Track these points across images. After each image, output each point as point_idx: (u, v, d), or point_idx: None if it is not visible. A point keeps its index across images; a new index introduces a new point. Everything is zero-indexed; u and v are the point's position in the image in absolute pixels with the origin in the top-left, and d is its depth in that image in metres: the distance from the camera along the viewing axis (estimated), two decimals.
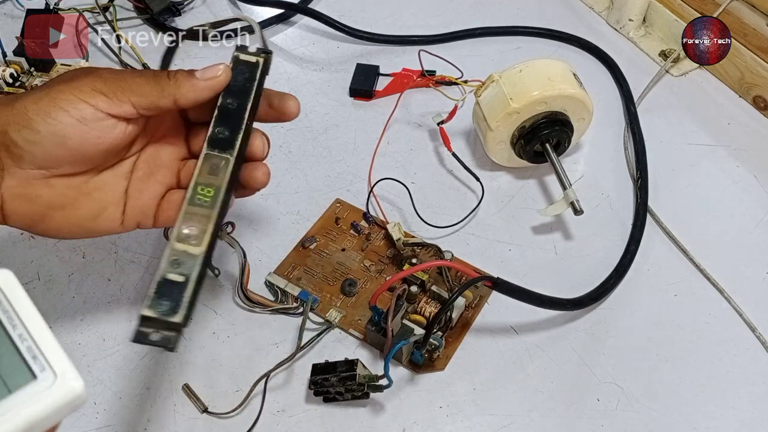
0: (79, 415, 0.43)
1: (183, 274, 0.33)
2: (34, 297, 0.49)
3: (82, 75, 0.35)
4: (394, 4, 0.71)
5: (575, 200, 0.50)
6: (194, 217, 0.35)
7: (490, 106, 0.52)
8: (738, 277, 0.50)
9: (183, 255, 0.34)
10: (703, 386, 0.45)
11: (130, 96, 0.35)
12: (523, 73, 0.51)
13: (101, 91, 0.35)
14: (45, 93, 0.34)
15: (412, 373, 0.45)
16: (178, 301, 0.33)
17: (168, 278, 0.33)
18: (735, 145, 0.58)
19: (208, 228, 0.35)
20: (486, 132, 0.53)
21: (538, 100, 0.51)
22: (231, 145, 0.37)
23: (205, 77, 0.37)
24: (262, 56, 0.40)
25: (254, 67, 0.39)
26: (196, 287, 0.33)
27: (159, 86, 0.36)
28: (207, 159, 0.37)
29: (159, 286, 0.33)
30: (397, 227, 0.50)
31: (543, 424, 0.43)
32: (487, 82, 0.53)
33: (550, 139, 0.52)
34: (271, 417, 0.43)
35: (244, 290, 0.48)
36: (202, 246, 0.35)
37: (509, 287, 0.44)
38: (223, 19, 0.44)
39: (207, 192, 0.36)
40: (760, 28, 0.60)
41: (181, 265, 0.34)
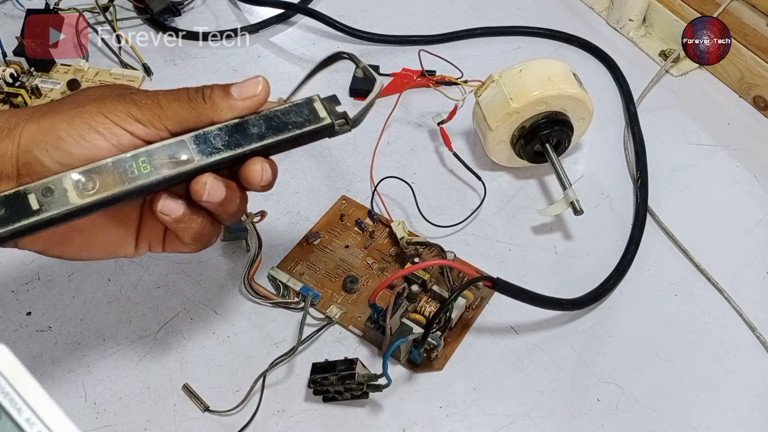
0: (80, 415, 0.43)
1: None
2: (34, 297, 0.49)
3: (115, 98, 0.33)
4: (394, 4, 0.71)
5: (575, 200, 0.50)
6: (104, 175, 0.32)
7: (490, 106, 0.52)
8: (738, 277, 0.50)
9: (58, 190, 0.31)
10: (703, 386, 0.45)
11: (166, 123, 0.33)
12: (522, 73, 0.51)
13: (137, 119, 0.33)
14: (77, 113, 0.32)
15: (411, 373, 0.45)
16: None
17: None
18: (735, 145, 0.58)
19: (101, 193, 0.31)
20: (486, 132, 0.53)
21: (538, 100, 0.51)
22: (210, 155, 0.33)
23: (243, 96, 0.35)
24: (338, 122, 0.36)
25: (316, 121, 0.36)
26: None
27: (196, 111, 0.34)
28: (177, 144, 0.33)
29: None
30: (402, 225, 0.50)
31: (543, 424, 0.43)
32: (487, 82, 0.53)
33: (550, 139, 0.52)
34: (271, 416, 0.43)
35: (250, 281, 0.48)
36: (79, 200, 0.31)
37: (509, 287, 0.44)
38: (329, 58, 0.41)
39: (143, 166, 0.32)
40: (760, 28, 0.60)
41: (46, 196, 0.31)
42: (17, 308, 0.48)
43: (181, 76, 0.64)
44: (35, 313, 0.48)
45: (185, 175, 0.33)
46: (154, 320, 0.47)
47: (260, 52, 0.67)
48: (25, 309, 0.48)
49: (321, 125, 0.35)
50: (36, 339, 0.46)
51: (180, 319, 0.48)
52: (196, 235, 0.36)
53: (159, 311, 0.48)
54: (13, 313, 0.48)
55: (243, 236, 0.50)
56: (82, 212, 0.31)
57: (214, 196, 0.34)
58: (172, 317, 0.48)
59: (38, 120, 0.32)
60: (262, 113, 0.35)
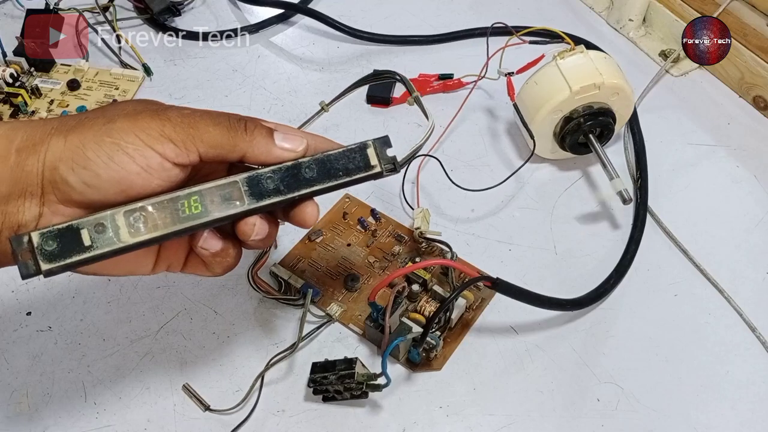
0: (79, 415, 0.43)
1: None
2: (34, 297, 0.49)
3: (148, 115, 0.32)
4: (394, 4, 0.71)
5: (624, 189, 0.50)
6: (156, 213, 0.32)
7: (574, 72, 0.52)
8: (738, 277, 0.50)
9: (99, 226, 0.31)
10: (703, 386, 0.45)
11: (199, 146, 0.32)
12: (607, 59, 0.53)
13: (170, 138, 0.31)
14: (106, 130, 0.31)
15: (410, 373, 0.45)
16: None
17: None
18: (735, 145, 0.58)
19: (152, 232, 0.31)
20: (556, 95, 0.52)
21: (619, 88, 0.52)
22: (261, 199, 0.33)
23: (284, 147, 0.34)
24: (385, 167, 0.35)
25: (367, 169, 0.35)
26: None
27: (233, 141, 0.33)
28: (230, 185, 0.33)
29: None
30: (423, 214, 0.50)
31: (543, 424, 0.43)
32: (576, 50, 0.53)
33: (595, 129, 0.53)
34: (271, 416, 0.43)
35: (253, 275, 0.48)
36: (127, 240, 0.31)
37: (509, 287, 0.44)
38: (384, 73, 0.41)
39: (194, 206, 0.32)
40: (760, 28, 0.60)
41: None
42: (17, 308, 0.48)
43: (181, 76, 0.64)
44: (35, 313, 0.48)
45: (234, 217, 0.33)
46: (154, 320, 0.47)
47: (260, 52, 0.67)
48: (25, 309, 0.48)
49: (371, 173, 0.35)
50: (36, 339, 0.46)
51: (180, 319, 0.48)
52: (228, 266, 0.36)
53: (159, 311, 0.48)
54: (13, 313, 0.48)
55: None
56: (132, 249, 0.31)
57: (260, 235, 0.34)
58: (172, 317, 0.48)
59: (66, 136, 0.31)
60: (316, 156, 0.35)
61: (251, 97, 0.62)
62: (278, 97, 0.62)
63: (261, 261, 0.49)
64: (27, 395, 0.44)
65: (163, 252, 0.36)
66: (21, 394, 0.44)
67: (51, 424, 0.43)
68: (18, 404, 0.44)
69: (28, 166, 0.30)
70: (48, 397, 0.44)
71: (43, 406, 0.44)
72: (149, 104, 0.33)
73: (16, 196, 0.30)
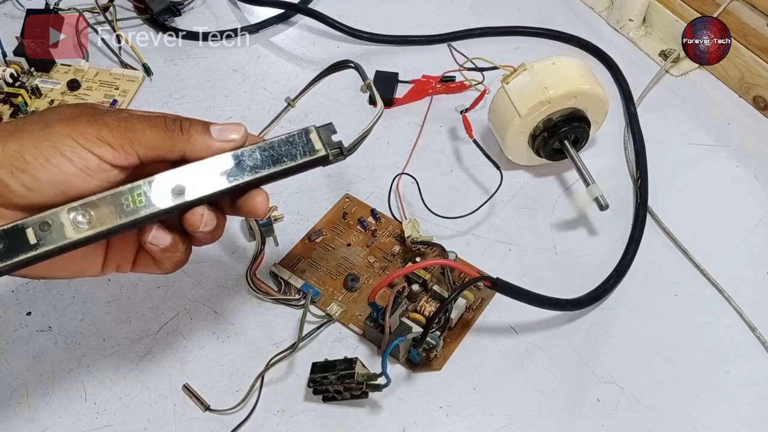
0: (79, 415, 0.43)
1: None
2: (34, 297, 0.49)
3: (85, 119, 0.32)
4: (394, 4, 0.71)
5: (600, 195, 0.50)
6: (100, 209, 0.32)
7: (521, 93, 0.52)
8: (738, 277, 0.50)
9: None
10: (703, 386, 0.45)
11: (137, 148, 0.33)
12: (556, 66, 0.52)
13: (107, 142, 0.32)
14: (44, 135, 0.31)
15: (410, 373, 0.45)
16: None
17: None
18: (735, 145, 0.58)
19: (97, 227, 0.32)
20: (510, 121, 0.52)
21: (571, 94, 0.51)
22: (206, 188, 0.34)
23: (221, 138, 0.34)
24: (332, 152, 0.36)
25: (311, 153, 0.35)
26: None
27: (170, 141, 0.33)
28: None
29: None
30: (412, 224, 0.50)
31: (543, 424, 0.43)
32: (519, 70, 0.53)
33: (570, 135, 0.53)
34: (271, 416, 0.43)
35: (252, 276, 0.48)
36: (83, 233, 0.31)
37: (509, 287, 0.44)
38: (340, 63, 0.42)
39: (138, 200, 0.32)
40: (760, 28, 0.60)
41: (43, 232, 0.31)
42: (17, 308, 0.48)
43: (181, 76, 0.64)
44: (35, 313, 0.48)
45: (180, 208, 0.33)
46: (154, 320, 0.47)
47: (260, 52, 0.67)
48: (25, 309, 0.48)
49: (315, 157, 0.36)
50: (36, 339, 0.46)
51: (180, 319, 0.48)
52: (178, 262, 0.36)
53: (159, 311, 0.48)
54: (13, 313, 0.48)
55: (269, 231, 0.50)
56: (78, 245, 0.32)
57: (209, 226, 0.34)
58: (172, 317, 0.48)
59: (4, 141, 0.31)
60: (258, 144, 0.35)
61: (251, 97, 0.62)
62: (278, 97, 0.62)
63: (258, 260, 0.49)
64: (27, 395, 0.44)
65: (110, 252, 0.36)
66: (21, 394, 0.44)
67: (51, 424, 0.43)
68: (18, 404, 0.44)
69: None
70: (48, 397, 0.44)
71: (43, 406, 0.44)
72: (87, 108, 0.34)
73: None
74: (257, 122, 0.59)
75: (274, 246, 0.51)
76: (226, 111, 0.61)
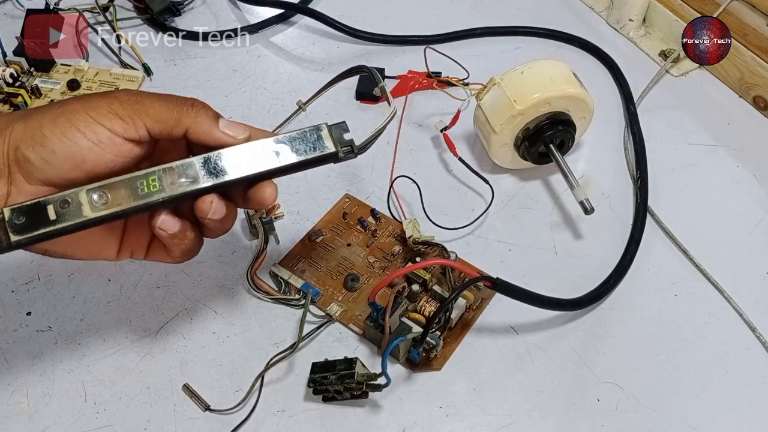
0: (79, 415, 0.43)
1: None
2: (34, 297, 0.49)
3: (99, 96, 0.35)
4: (394, 4, 0.71)
5: (584, 199, 0.50)
6: (116, 191, 0.34)
7: (493, 109, 0.52)
8: (738, 277, 0.50)
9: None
10: (703, 386, 0.45)
11: (145, 120, 0.35)
12: (524, 75, 0.51)
13: (118, 114, 0.34)
14: (60, 112, 0.34)
15: (410, 373, 0.45)
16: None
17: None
18: (735, 145, 0.58)
19: (112, 207, 0.34)
20: (489, 135, 0.53)
21: (542, 101, 0.51)
22: (217, 177, 0.35)
23: (226, 131, 0.36)
24: (343, 149, 0.38)
25: (322, 149, 0.37)
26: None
27: (177, 115, 0.35)
28: (186, 165, 0.35)
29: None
30: (413, 224, 0.50)
31: (543, 424, 0.43)
32: (489, 85, 0.53)
33: (554, 139, 0.52)
34: (271, 416, 0.43)
35: (252, 275, 0.48)
36: (95, 212, 0.34)
37: (509, 287, 0.44)
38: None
39: (153, 184, 0.35)
40: (760, 28, 0.60)
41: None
42: (17, 308, 0.48)
43: (181, 76, 0.64)
44: (35, 313, 0.48)
45: (191, 195, 0.35)
46: (154, 320, 0.47)
47: (260, 52, 0.67)
48: (25, 309, 0.48)
49: (326, 153, 0.37)
50: (36, 339, 0.46)
51: (180, 319, 0.48)
52: (186, 250, 0.38)
53: (159, 311, 0.48)
54: (13, 313, 0.48)
55: (270, 228, 0.50)
56: (94, 224, 0.34)
57: (218, 214, 0.36)
58: (172, 317, 0.48)
59: (26, 120, 0.34)
60: (271, 139, 0.37)
61: (251, 97, 0.62)
62: (278, 97, 0.62)
63: (259, 260, 0.49)
64: (27, 395, 0.44)
65: (126, 238, 0.39)
66: (21, 394, 0.44)
67: (51, 424, 0.43)
68: (18, 404, 0.44)
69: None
70: (48, 397, 0.44)
71: (43, 406, 0.44)
72: (103, 92, 0.36)
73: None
74: (257, 122, 0.57)
75: (275, 244, 0.51)
76: (226, 111, 0.61)
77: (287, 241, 0.51)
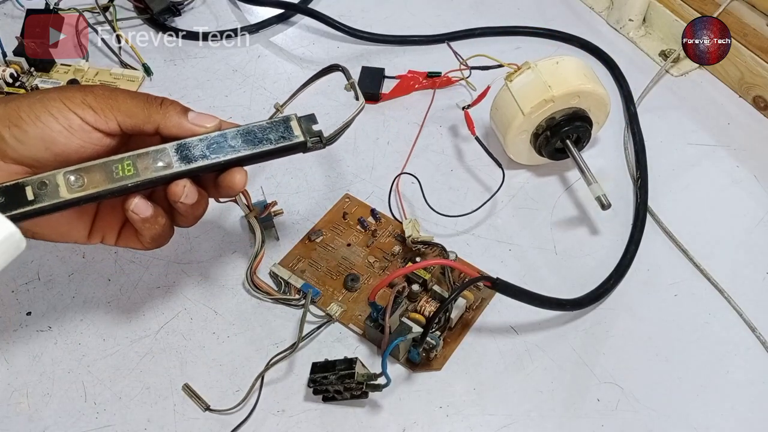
0: (79, 415, 0.43)
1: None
2: (34, 297, 0.49)
3: (76, 88, 0.37)
4: (394, 4, 0.71)
5: (602, 195, 0.50)
6: (92, 174, 0.36)
7: (524, 92, 0.52)
8: (738, 277, 0.50)
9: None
10: (703, 386, 0.45)
11: (116, 114, 0.37)
12: (560, 65, 0.52)
13: (90, 106, 0.36)
14: (38, 99, 0.36)
15: (410, 373, 0.45)
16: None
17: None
18: (735, 145, 0.58)
19: (88, 189, 0.35)
20: (513, 119, 0.52)
21: (575, 93, 0.51)
22: (189, 163, 0.37)
23: (195, 122, 0.38)
24: (312, 140, 0.40)
25: (290, 139, 0.39)
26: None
27: (147, 112, 0.37)
28: (160, 151, 0.37)
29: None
30: (413, 224, 0.50)
31: (543, 424, 0.43)
32: (523, 68, 0.53)
33: (572, 135, 0.53)
34: (271, 416, 0.43)
35: (252, 275, 0.48)
36: (68, 194, 0.35)
37: (509, 287, 0.44)
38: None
39: (127, 169, 0.36)
40: (760, 28, 0.60)
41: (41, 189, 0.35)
42: (17, 308, 0.48)
43: (181, 76, 0.64)
44: (35, 313, 0.48)
45: (164, 179, 0.37)
46: (154, 320, 0.47)
47: (260, 52, 0.67)
48: (25, 309, 0.48)
49: (294, 142, 0.39)
50: (36, 339, 0.46)
51: (180, 319, 0.48)
52: (156, 236, 0.40)
53: (159, 311, 0.48)
54: (13, 313, 0.48)
55: (269, 225, 0.51)
56: (70, 205, 0.35)
57: (190, 198, 0.38)
58: (172, 317, 0.48)
59: (6, 102, 0.36)
60: (241, 128, 0.39)
61: (251, 97, 0.62)
62: (278, 97, 0.62)
63: (258, 259, 0.48)
64: (27, 395, 0.44)
65: (97, 221, 0.40)
66: (21, 394, 0.44)
67: (51, 424, 0.43)
68: (18, 404, 0.44)
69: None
70: (48, 397, 0.44)
71: (43, 406, 0.44)
72: (81, 85, 0.39)
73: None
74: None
75: (275, 240, 0.51)
76: (226, 111, 0.61)
77: (287, 241, 0.51)
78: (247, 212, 0.49)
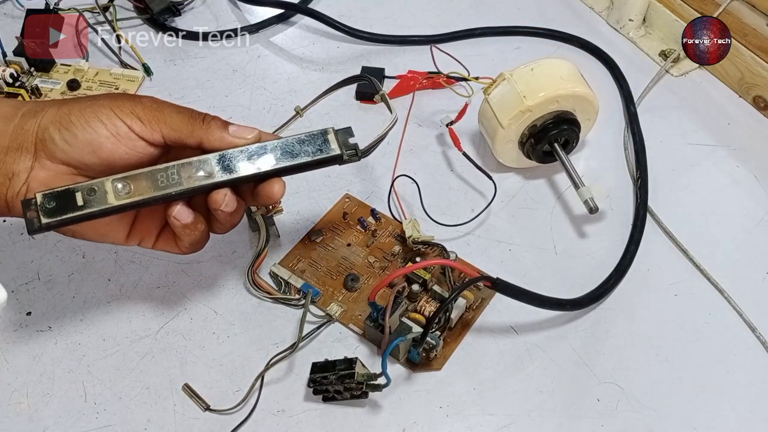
0: (79, 415, 0.43)
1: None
2: (34, 297, 0.49)
3: (126, 97, 0.39)
4: (394, 4, 0.71)
5: (589, 198, 0.50)
6: (138, 182, 0.37)
7: (501, 104, 0.52)
8: (738, 277, 0.50)
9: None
10: (703, 386, 0.45)
11: (162, 127, 0.38)
12: (535, 72, 0.52)
13: (138, 116, 0.38)
14: (89, 104, 0.38)
15: (410, 373, 0.45)
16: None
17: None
18: (735, 145, 0.58)
19: (134, 196, 0.37)
20: (496, 131, 0.53)
21: (552, 99, 0.51)
22: (231, 173, 0.39)
23: (236, 135, 0.40)
24: (347, 152, 0.41)
25: (327, 151, 0.40)
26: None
27: (191, 127, 0.39)
28: (203, 161, 0.39)
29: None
30: (413, 224, 0.50)
31: (543, 424, 0.43)
32: (498, 80, 0.53)
33: (559, 138, 0.52)
34: (271, 416, 0.43)
35: (253, 274, 0.48)
36: (116, 201, 0.37)
37: (509, 287, 0.44)
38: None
39: (172, 177, 0.38)
40: (760, 28, 0.60)
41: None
42: (17, 308, 0.48)
43: (181, 76, 0.64)
44: (35, 313, 0.48)
45: (206, 188, 0.39)
46: (154, 320, 0.47)
47: (260, 52, 0.67)
48: (25, 309, 0.48)
49: (330, 155, 0.41)
50: (36, 339, 0.46)
51: (180, 319, 0.48)
52: (195, 241, 0.41)
53: (159, 311, 0.48)
54: (13, 313, 0.48)
55: (270, 223, 0.51)
56: (117, 210, 0.37)
57: (229, 206, 0.39)
58: (172, 317, 0.48)
59: (60, 106, 0.38)
60: (281, 140, 0.40)
61: (251, 97, 0.62)
62: (278, 97, 0.62)
63: (259, 259, 0.48)
64: (27, 395, 0.44)
65: (137, 225, 0.41)
66: (21, 394, 0.44)
67: (51, 424, 0.43)
68: (18, 404, 0.44)
69: (27, 125, 0.37)
70: (48, 397, 0.44)
71: (43, 406, 0.44)
72: (131, 95, 0.41)
73: (14, 150, 0.37)
74: (257, 122, 0.58)
75: (276, 238, 0.51)
76: (227, 111, 0.61)
77: (287, 242, 0.51)
78: (255, 210, 0.49)
